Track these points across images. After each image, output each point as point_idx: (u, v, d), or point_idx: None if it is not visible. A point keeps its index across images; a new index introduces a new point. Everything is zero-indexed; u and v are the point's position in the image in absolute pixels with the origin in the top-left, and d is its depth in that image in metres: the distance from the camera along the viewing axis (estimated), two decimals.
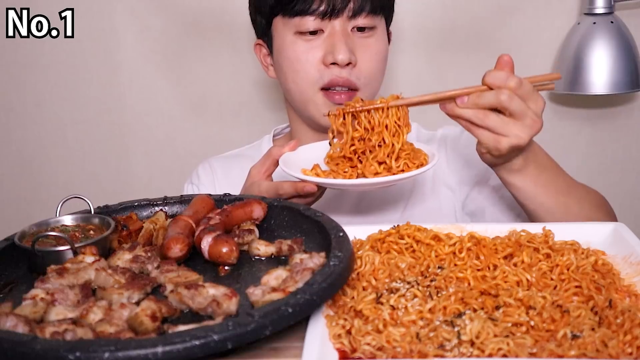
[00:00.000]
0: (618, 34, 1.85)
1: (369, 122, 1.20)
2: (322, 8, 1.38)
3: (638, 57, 1.88)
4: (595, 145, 2.07)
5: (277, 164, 1.24)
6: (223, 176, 1.59)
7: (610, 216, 1.35)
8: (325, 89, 1.43)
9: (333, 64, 1.40)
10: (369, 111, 1.20)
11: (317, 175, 1.20)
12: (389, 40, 1.52)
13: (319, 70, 1.41)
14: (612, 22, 1.85)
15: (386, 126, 1.20)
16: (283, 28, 1.44)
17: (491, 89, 1.13)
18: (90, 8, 2.00)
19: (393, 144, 1.19)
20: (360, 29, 1.42)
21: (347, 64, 1.40)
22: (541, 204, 1.25)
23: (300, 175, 1.17)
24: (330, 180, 1.17)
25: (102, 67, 2.05)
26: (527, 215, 1.31)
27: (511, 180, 1.25)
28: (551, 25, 1.97)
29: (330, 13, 1.39)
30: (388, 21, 1.51)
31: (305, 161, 1.25)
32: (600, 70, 1.85)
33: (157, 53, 2.04)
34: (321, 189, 1.21)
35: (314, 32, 1.41)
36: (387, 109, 1.20)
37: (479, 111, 1.14)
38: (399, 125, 1.20)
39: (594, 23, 1.85)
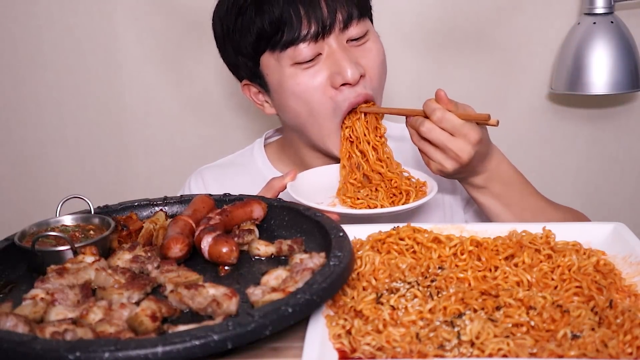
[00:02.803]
0: (618, 34, 1.85)
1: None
2: (312, 30, 1.30)
3: (638, 57, 1.88)
4: (595, 145, 2.07)
5: (277, 195, 1.28)
6: (215, 188, 1.55)
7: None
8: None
9: (344, 84, 1.33)
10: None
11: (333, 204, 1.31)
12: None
13: (331, 96, 1.34)
14: (612, 22, 1.85)
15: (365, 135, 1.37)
16: (277, 63, 1.35)
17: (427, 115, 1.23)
18: (90, 8, 2.00)
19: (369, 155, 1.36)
20: (355, 38, 1.36)
21: (359, 79, 1.34)
22: (506, 219, 1.32)
23: (317, 205, 1.21)
24: (345, 210, 1.24)
25: (102, 67, 2.05)
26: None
27: (474, 195, 1.34)
28: (551, 25, 1.97)
29: (322, 32, 1.31)
30: (371, 18, 1.45)
31: (312, 188, 1.30)
32: (600, 70, 1.85)
33: (157, 53, 2.04)
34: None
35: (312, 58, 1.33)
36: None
37: (415, 134, 1.26)
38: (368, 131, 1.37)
39: (594, 23, 1.85)
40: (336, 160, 1.40)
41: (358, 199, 1.29)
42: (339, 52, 1.33)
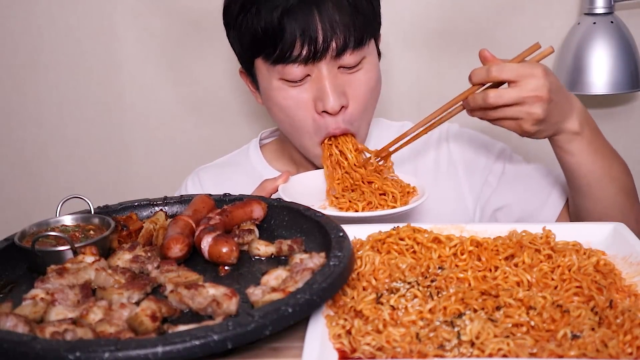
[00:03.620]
0: (618, 34, 1.85)
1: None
2: (304, 53, 1.29)
3: (638, 57, 1.88)
4: None
5: (269, 196, 1.29)
6: (212, 187, 1.56)
7: (631, 179, 1.36)
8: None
9: (325, 111, 1.33)
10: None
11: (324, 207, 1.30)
12: (379, 54, 1.45)
13: (314, 119, 1.35)
14: (612, 22, 1.85)
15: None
16: (267, 73, 1.36)
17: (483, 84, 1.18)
18: (90, 8, 2.00)
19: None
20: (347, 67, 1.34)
21: (340, 109, 1.33)
22: (593, 171, 1.26)
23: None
24: (334, 213, 1.24)
25: (102, 67, 2.05)
26: (573, 189, 1.32)
27: (569, 147, 1.25)
28: (551, 25, 1.97)
29: (314, 57, 1.30)
30: (377, 37, 1.43)
31: (303, 191, 1.31)
32: (600, 70, 1.85)
33: (157, 53, 2.04)
34: None
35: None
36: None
37: (486, 111, 1.19)
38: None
39: (594, 23, 1.85)
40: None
41: (346, 198, 1.30)
42: (326, 79, 1.32)
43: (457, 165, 1.52)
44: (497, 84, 1.20)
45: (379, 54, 1.45)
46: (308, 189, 1.33)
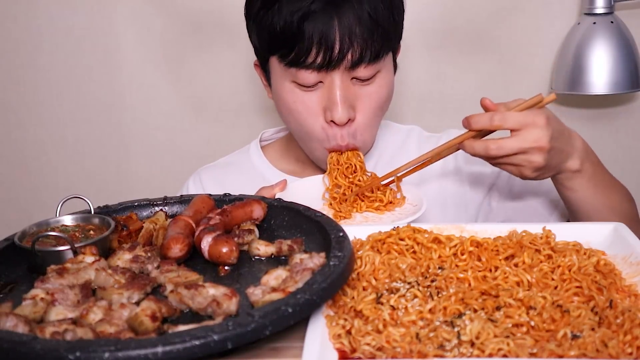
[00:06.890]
0: (618, 34, 1.85)
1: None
2: (318, 61, 1.28)
3: (638, 57, 1.88)
4: (595, 145, 2.05)
5: None
6: (213, 187, 1.55)
7: (632, 205, 1.39)
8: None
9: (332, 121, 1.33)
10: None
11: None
12: (395, 68, 1.43)
13: (323, 127, 1.34)
14: (612, 22, 1.85)
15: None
16: (280, 73, 1.35)
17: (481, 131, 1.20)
18: (90, 8, 2.00)
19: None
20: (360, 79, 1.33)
21: (347, 122, 1.33)
22: (593, 204, 1.28)
23: None
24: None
25: (102, 67, 2.05)
26: (572, 217, 1.35)
27: (570, 184, 1.27)
28: (551, 25, 1.97)
29: (327, 65, 1.29)
30: (395, 50, 1.42)
31: (300, 199, 1.29)
32: (600, 70, 1.85)
33: (157, 53, 2.04)
34: None
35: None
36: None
37: (488, 159, 1.21)
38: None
39: (594, 23, 1.85)
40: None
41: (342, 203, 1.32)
42: (338, 89, 1.31)
43: (463, 174, 1.52)
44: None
45: (396, 66, 1.44)
46: (306, 196, 1.32)
